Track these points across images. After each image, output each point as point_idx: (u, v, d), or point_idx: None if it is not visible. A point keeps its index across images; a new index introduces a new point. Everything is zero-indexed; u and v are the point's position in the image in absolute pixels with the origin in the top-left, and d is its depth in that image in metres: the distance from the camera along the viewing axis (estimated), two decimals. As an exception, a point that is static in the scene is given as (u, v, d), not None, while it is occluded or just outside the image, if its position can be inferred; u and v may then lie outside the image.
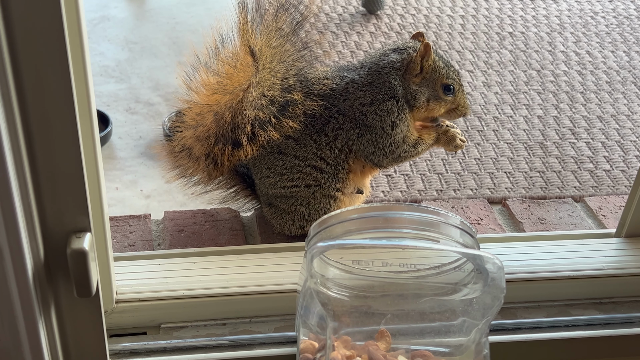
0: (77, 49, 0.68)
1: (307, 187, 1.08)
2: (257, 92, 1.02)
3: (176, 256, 1.00)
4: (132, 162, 1.50)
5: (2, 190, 0.64)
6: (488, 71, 1.82)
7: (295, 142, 1.07)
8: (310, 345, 0.82)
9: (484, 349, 0.79)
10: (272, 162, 1.08)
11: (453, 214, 0.80)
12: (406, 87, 1.05)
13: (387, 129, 1.05)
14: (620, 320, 0.97)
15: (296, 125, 1.04)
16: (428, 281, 0.84)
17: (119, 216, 1.19)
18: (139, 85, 1.75)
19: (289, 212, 1.10)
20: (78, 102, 0.66)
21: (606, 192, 1.40)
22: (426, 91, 1.05)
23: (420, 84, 1.05)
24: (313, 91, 1.05)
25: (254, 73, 1.02)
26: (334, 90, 1.06)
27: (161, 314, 0.92)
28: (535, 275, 0.99)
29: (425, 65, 1.04)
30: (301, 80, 1.06)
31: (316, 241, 0.79)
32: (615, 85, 1.79)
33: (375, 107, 1.04)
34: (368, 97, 1.05)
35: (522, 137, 1.57)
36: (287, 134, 1.06)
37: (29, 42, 0.61)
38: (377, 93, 1.05)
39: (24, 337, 0.73)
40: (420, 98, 1.05)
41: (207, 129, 1.06)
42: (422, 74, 1.05)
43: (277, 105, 1.04)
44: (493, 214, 1.28)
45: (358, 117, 1.05)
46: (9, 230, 0.66)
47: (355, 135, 1.05)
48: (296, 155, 1.07)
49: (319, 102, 1.04)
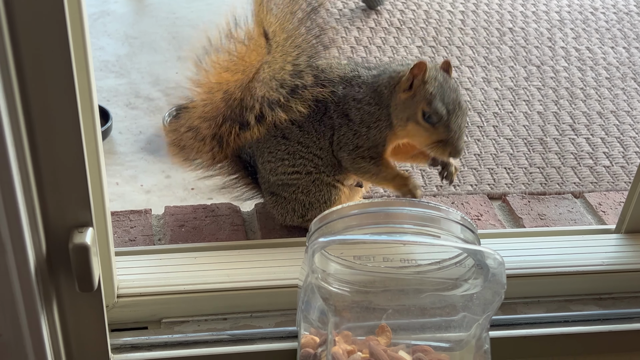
0: (79, 43, 0.68)
1: (308, 174, 1.08)
2: (268, 73, 1.03)
3: (177, 251, 1.01)
4: (133, 157, 1.50)
5: (5, 185, 0.64)
6: (488, 67, 1.82)
7: (299, 129, 1.07)
8: (312, 340, 0.82)
9: (485, 344, 0.80)
10: (275, 146, 1.09)
11: (454, 210, 0.80)
12: (393, 99, 1.03)
13: (361, 129, 1.05)
14: (619, 315, 0.98)
15: (304, 109, 1.05)
16: (429, 276, 0.84)
17: (120, 211, 1.19)
18: (139, 80, 1.75)
19: (290, 201, 1.11)
20: (80, 96, 0.66)
21: (606, 188, 1.40)
22: (408, 110, 1.01)
23: (405, 101, 1.01)
24: (320, 78, 1.06)
25: (266, 54, 1.03)
26: (342, 81, 1.06)
27: (162, 309, 0.92)
28: (535, 270, 1.00)
29: (415, 84, 1.00)
30: (312, 66, 1.06)
31: (317, 236, 0.79)
32: (615, 82, 1.79)
33: (361, 106, 1.05)
34: (359, 95, 1.05)
35: (522, 133, 1.57)
36: (292, 120, 1.06)
37: (31, 36, 0.61)
38: (368, 95, 1.05)
39: (25, 331, 0.73)
40: (400, 114, 1.02)
41: (216, 108, 1.06)
42: (410, 91, 1.00)
43: (287, 89, 1.05)
44: (493, 209, 1.28)
45: (345, 109, 1.06)
46: (12, 225, 0.66)
47: (337, 125, 1.06)
48: (299, 141, 1.07)
49: (327, 89, 1.05)
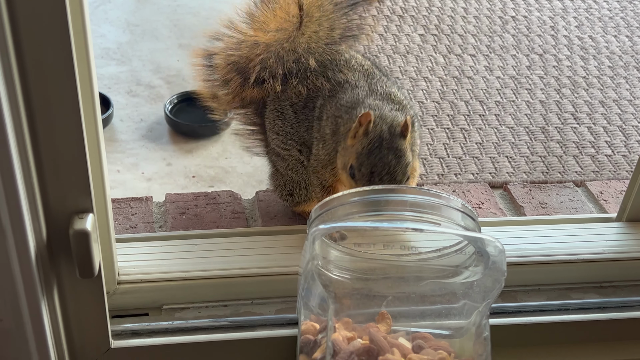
0: (80, 30, 0.68)
1: (297, 156, 1.08)
2: (290, 44, 1.03)
3: (178, 238, 1.01)
4: (134, 144, 1.49)
5: (5, 171, 0.64)
6: (490, 55, 1.81)
7: (294, 113, 1.07)
8: (312, 326, 0.82)
9: (485, 331, 0.80)
10: (274, 120, 1.09)
11: (454, 197, 0.80)
12: (343, 140, 0.97)
13: (325, 135, 1.01)
14: (620, 304, 0.98)
15: (302, 90, 1.04)
16: (429, 264, 0.84)
17: (121, 198, 1.19)
18: (140, 68, 1.74)
19: (283, 175, 1.11)
20: (80, 83, 0.66)
21: (607, 177, 1.40)
22: (343, 157, 0.96)
23: (346, 148, 0.95)
24: (327, 72, 1.04)
25: (295, 27, 1.03)
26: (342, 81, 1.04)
27: (163, 295, 0.92)
28: (536, 258, 0.99)
29: (358, 134, 0.93)
30: (332, 54, 1.05)
31: (318, 223, 0.79)
32: (618, 70, 1.79)
33: (340, 112, 1.00)
34: (343, 101, 1.01)
35: (524, 121, 1.57)
36: (291, 102, 1.06)
37: (31, 23, 0.61)
38: (350, 104, 1.00)
39: (26, 317, 0.73)
40: (340, 158, 0.97)
41: (244, 54, 1.07)
42: (354, 140, 0.94)
43: (299, 66, 1.04)
44: (494, 198, 1.28)
45: (325, 107, 1.03)
46: (12, 211, 0.66)
47: (313, 117, 1.05)
48: (292, 124, 1.07)
49: (327, 84, 1.03)
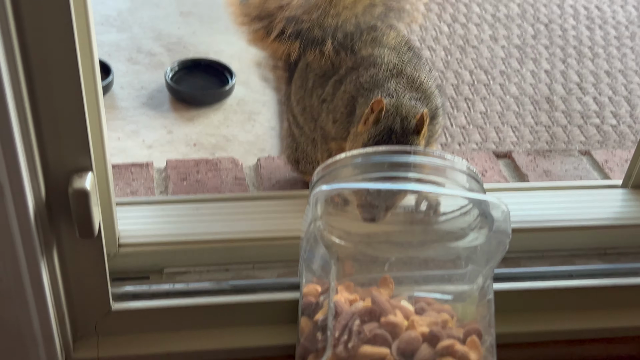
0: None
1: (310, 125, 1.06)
2: (323, 10, 1.00)
3: (179, 202, 1.00)
4: (134, 112, 1.48)
5: (3, 129, 0.63)
6: (495, 24, 1.79)
7: (312, 86, 1.03)
8: (314, 289, 0.81)
9: (488, 294, 0.79)
10: (297, 87, 1.07)
11: (459, 159, 0.79)
12: (354, 124, 0.94)
13: (337, 107, 0.98)
14: (624, 270, 0.97)
15: (326, 57, 1.01)
16: (433, 227, 0.84)
17: (121, 164, 1.18)
18: (140, 35, 1.72)
19: (295, 138, 1.10)
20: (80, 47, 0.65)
21: (612, 147, 1.39)
22: (353, 141, 0.93)
23: (356, 133, 0.92)
24: (354, 45, 1.01)
25: None
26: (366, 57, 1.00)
27: (164, 259, 0.91)
28: (540, 224, 0.98)
29: (368, 120, 0.90)
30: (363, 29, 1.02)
31: (320, 185, 0.78)
32: (624, 40, 1.77)
33: (358, 92, 0.97)
34: (363, 79, 0.97)
35: (529, 91, 1.55)
36: (315, 74, 1.03)
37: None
38: (369, 85, 0.96)
39: (25, 277, 0.73)
40: (349, 143, 0.94)
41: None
42: (365, 126, 0.90)
43: (324, 34, 1.01)
44: (498, 166, 1.27)
45: (345, 78, 1.00)
46: (11, 170, 0.65)
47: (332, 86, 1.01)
48: (310, 94, 1.04)
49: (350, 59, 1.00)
